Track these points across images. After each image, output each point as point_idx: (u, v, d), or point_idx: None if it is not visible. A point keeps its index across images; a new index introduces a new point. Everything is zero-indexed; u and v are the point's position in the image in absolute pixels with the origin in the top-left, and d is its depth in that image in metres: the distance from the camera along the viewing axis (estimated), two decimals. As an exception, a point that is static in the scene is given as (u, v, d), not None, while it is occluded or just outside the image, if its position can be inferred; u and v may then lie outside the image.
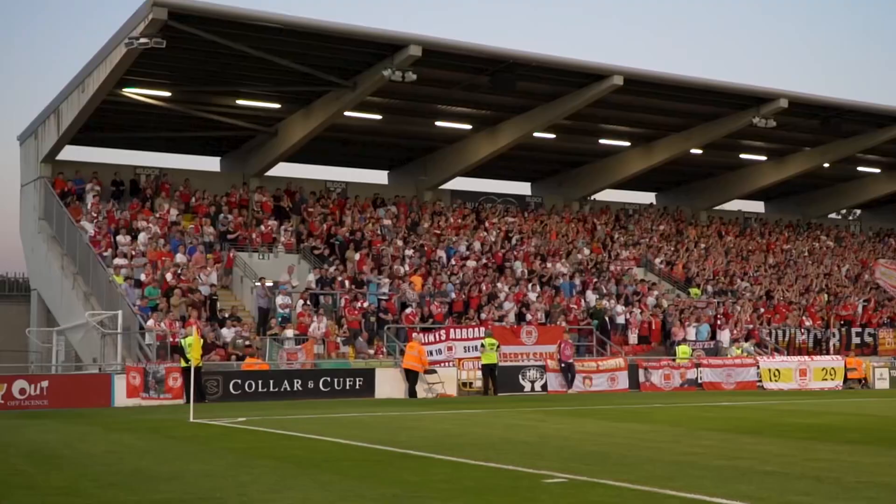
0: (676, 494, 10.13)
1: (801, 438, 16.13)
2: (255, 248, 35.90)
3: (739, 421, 20.15)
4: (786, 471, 11.93)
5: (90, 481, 11.39)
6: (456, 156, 43.20)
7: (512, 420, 20.23)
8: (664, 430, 17.56)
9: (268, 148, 39.64)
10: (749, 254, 48.13)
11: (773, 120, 40.22)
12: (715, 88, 39.25)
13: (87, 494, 10.50)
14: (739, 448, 14.51)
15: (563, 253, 41.85)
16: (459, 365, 31.17)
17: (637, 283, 40.80)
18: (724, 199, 52.95)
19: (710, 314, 39.12)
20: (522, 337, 33.43)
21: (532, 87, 36.79)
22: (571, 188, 48.93)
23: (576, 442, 15.51)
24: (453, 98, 38.22)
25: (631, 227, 47.59)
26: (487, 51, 34.21)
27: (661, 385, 33.58)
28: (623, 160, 46.43)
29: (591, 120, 41.82)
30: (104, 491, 10.71)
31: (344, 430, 17.87)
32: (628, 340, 36.71)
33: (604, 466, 12.32)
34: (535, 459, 13.06)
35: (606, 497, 10.02)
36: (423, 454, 13.78)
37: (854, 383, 37.08)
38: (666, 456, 13.52)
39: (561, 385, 31.89)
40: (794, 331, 40.00)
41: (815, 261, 49.51)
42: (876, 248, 53.91)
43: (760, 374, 35.39)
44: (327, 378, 28.69)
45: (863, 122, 44.10)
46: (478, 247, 39.89)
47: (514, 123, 40.22)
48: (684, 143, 43.87)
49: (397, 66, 32.63)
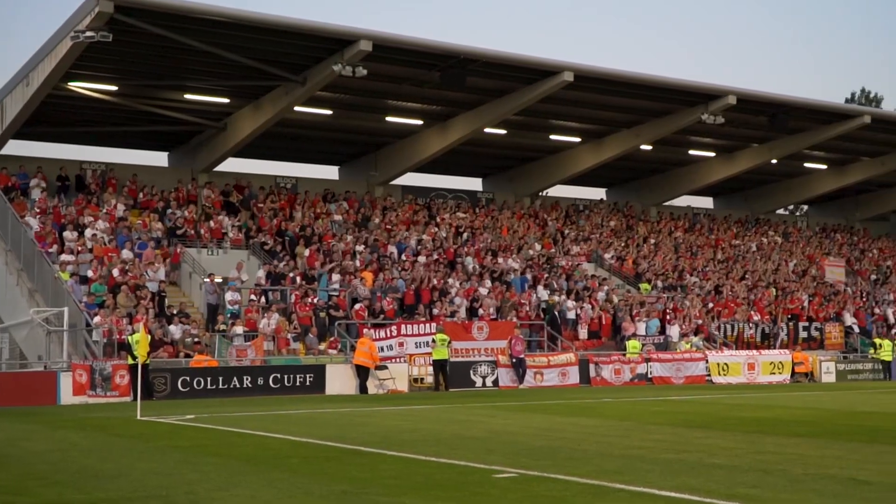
0: (625, 488, 10.15)
1: (748, 432, 16.25)
2: (204, 243, 35.57)
3: (688, 415, 20.28)
4: (733, 464, 12.01)
5: (35, 480, 11.19)
6: (407, 151, 43.15)
7: (463, 415, 20.20)
8: (614, 425, 17.62)
9: (216, 143, 39.33)
10: (698, 249, 48.54)
11: (721, 116, 40.64)
12: (664, 85, 39.54)
13: (33, 493, 10.31)
14: (688, 442, 14.59)
15: (514, 248, 41.94)
16: (410, 361, 31.13)
17: (587, 278, 40.99)
18: (674, 195, 53.39)
19: (659, 309, 39.39)
20: (473, 332, 33.43)
21: (482, 82, 36.81)
22: (522, 184, 49.07)
23: (526, 437, 15.51)
24: (404, 93, 38.14)
25: (581, 223, 47.82)
26: (438, 46, 34.19)
27: (612, 380, 33.77)
28: (573, 156, 46.65)
29: (541, 116, 41.97)
30: (49, 489, 10.52)
31: (293, 426, 17.74)
32: (579, 335, 36.86)
33: (553, 461, 12.32)
34: (485, 454, 13.04)
35: (555, 491, 10.01)
36: (372, 450, 13.70)
37: (801, 377, 37.53)
38: (615, 450, 13.56)
39: (512, 380, 31.95)
40: (742, 325, 40.40)
41: (762, 256, 50.05)
42: (822, 244, 54.60)
43: (709, 368, 35.71)
44: (277, 375, 28.47)
45: (809, 118, 44.65)
46: (429, 242, 39.85)
47: (464, 119, 40.23)
48: (634, 139, 44.16)
49: (347, 62, 32.50)
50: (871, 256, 54.62)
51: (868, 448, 13.75)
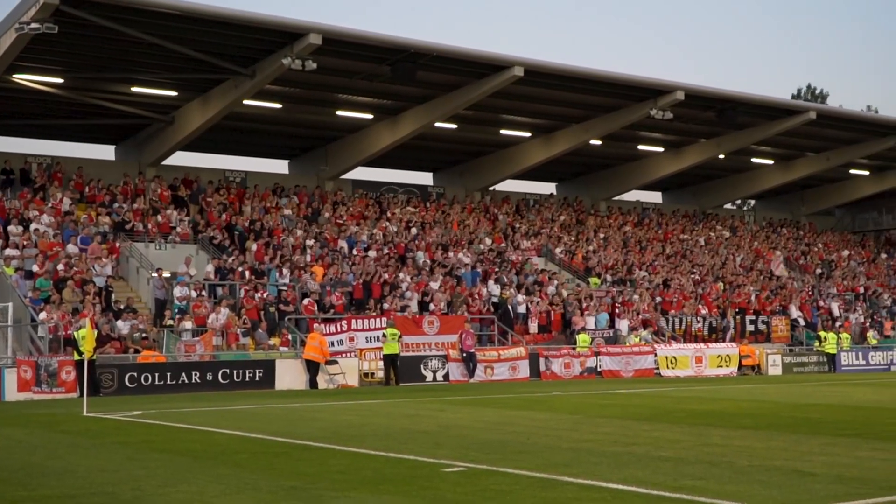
0: (573, 481, 10.21)
1: (695, 424, 16.42)
2: (152, 238, 35.22)
3: (637, 408, 20.45)
4: (680, 456, 12.12)
5: (-23, 478, 11.03)
6: (357, 145, 43.00)
7: (413, 410, 20.21)
8: (563, 418, 17.72)
9: (164, 136, 38.95)
10: (647, 243, 48.91)
11: (669, 112, 40.93)
12: (613, 81, 39.75)
13: (-26, 491, 10.16)
14: (636, 434, 14.71)
15: (465, 243, 41.99)
16: (361, 355, 31.06)
17: (538, 272, 41.15)
18: (623, 190, 53.72)
19: (608, 303, 39.65)
20: (424, 327, 33.44)
21: (433, 77, 36.77)
22: (473, 178, 49.13)
23: (476, 431, 15.55)
24: (354, 87, 38.01)
25: (532, 217, 47.99)
26: (388, 40, 34.08)
27: (562, 373, 33.94)
28: (524, 151, 46.78)
29: (492, 110, 42.02)
30: (-8, 487, 10.38)
31: (242, 422, 17.65)
32: (529, 330, 36.98)
33: (503, 454, 12.36)
34: (435, 449, 13.06)
35: (504, 484, 10.04)
36: (321, 445, 13.66)
37: (748, 370, 38.00)
38: (564, 443, 13.63)
39: (462, 374, 32.01)
40: (690, 319, 40.77)
41: (710, 250, 50.53)
42: (769, 238, 55.25)
43: (658, 361, 36.03)
44: (226, 370, 28.29)
45: (756, 114, 45.10)
46: (380, 237, 39.78)
47: (415, 113, 40.18)
48: (584, 134, 44.34)
49: (297, 55, 32.31)
50: (816, 251, 55.36)
51: (813, 440, 13.94)
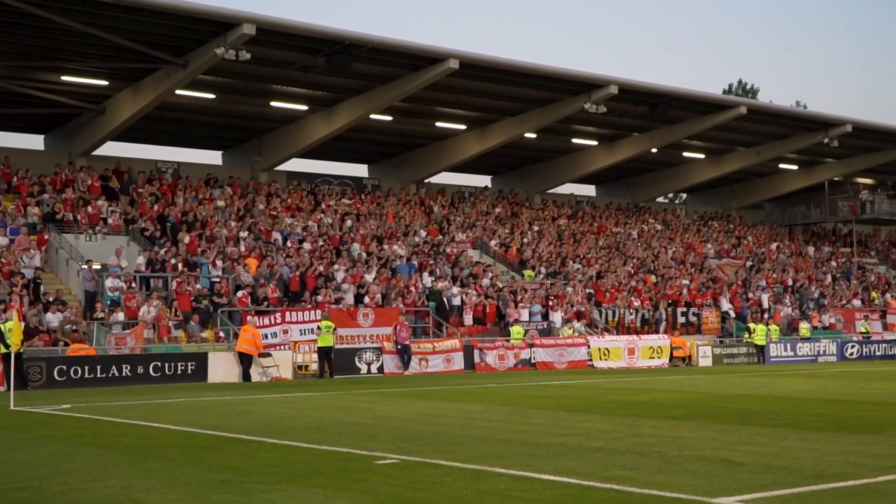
0: (505, 472, 10.26)
1: (627, 415, 16.59)
2: (82, 229, 34.65)
3: (569, 399, 20.60)
4: (611, 447, 12.24)
5: None
6: (292, 137, 42.75)
7: (346, 402, 20.16)
8: (496, 410, 17.79)
9: (95, 126, 38.34)
10: (581, 236, 49.27)
11: (603, 106, 41.25)
12: (548, 74, 39.95)
13: None
14: (568, 426, 14.82)
15: (401, 235, 41.95)
16: (295, 348, 30.92)
17: (473, 265, 41.26)
18: (558, 183, 54.06)
19: (542, 295, 39.89)
20: (359, 319, 33.37)
21: (368, 68, 36.66)
22: (408, 171, 49.12)
23: (409, 423, 15.55)
24: (289, 78, 37.76)
25: (467, 210, 48.09)
26: (323, 31, 33.90)
27: (496, 365, 34.09)
28: (459, 143, 46.87)
29: (427, 103, 42.03)
30: (-88, 484, 10.14)
31: (173, 415, 17.47)
32: (464, 322, 37.07)
33: (436, 446, 12.38)
34: (368, 441, 13.04)
35: (437, 476, 10.06)
36: (253, 438, 13.57)
37: (679, 361, 38.49)
38: (497, 435, 13.69)
39: (397, 367, 32.00)
40: (623, 311, 41.17)
41: (643, 243, 51.06)
42: (700, 232, 55.97)
43: (591, 353, 36.33)
44: (158, 363, 27.98)
45: (688, 109, 45.66)
46: (314, 229, 39.58)
47: (350, 105, 40.03)
48: (518, 127, 44.55)
49: (230, 45, 32.02)
50: (746, 243, 56.20)
51: (741, 430, 14.15)
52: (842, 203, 60.91)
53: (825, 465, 10.57)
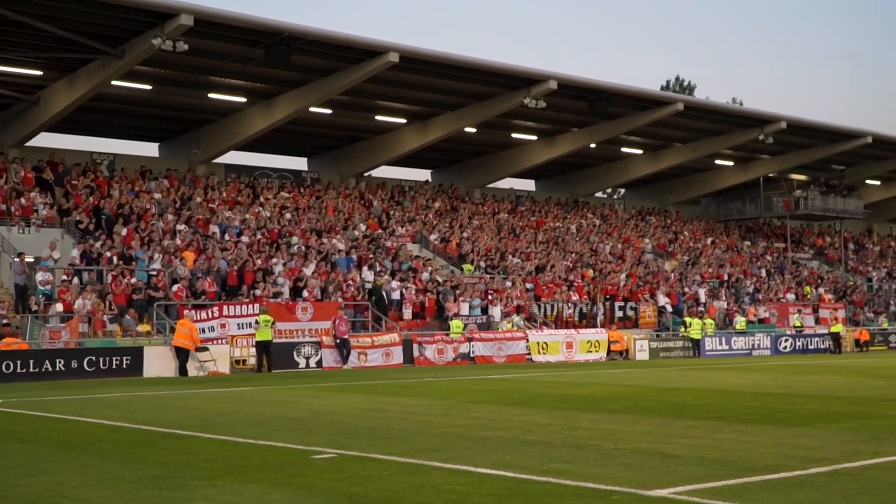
0: (442, 466, 10.26)
1: (564, 409, 16.68)
2: (14, 221, 34.04)
3: (507, 393, 20.67)
4: (548, 440, 12.29)
5: None
6: (230, 129, 42.38)
7: (284, 397, 20.04)
8: (435, 404, 17.79)
9: (28, 117, 37.68)
10: (520, 231, 49.47)
11: (543, 101, 41.44)
12: (488, 69, 40.04)
13: None
14: (506, 419, 14.86)
15: (340, 229, 41.79)
16: (232, 342, 30.67)
17: (412, 259, 41.23)
18: (497, 177, 54.24)
19: (482, 290, 39.99)
20: (298, 313, 33.19)
21: (308, 61, 36.47)
22: (348, 164, 48.93)
23: (347, 417, 15.50)
24: (227, 70, 37.42)
25: (407, 204, 48.04)
26: (262, 23, 33.64)
27: (435, 359, 34.12)
28: (399, 137, 46.80)
29: (367, 96, 41.90)
30: None
31: (108, 410, 17.23)
32: (403, 316, 37.05)
33: (373, 441, 12.35)
34: (306, 435, 12.97)
35: (373, 470, 10.03)
36: (189, 433, 13.43)
37: (616, 355, 38.81)
38: (435, 429, 13.69)
39: (336, 361, 31.89)
40: (561, 305, 41.41)
41: (582, 238, 51.40)
42: (638, 227, 56.48)
43: (529, 347, 36.52)
44: (92, 357, 27.59)
45: (627, 104, 46.04)
46: (253, 222, 39.27)
47: (289, 97, 39.79)
48: (459, 121, 44.59)
49: (168, 36, 31.66)
50: (683, 238, 56.83)
51: (676, 423, 14.29)
52: (776, 199, 61.81)
53: (758, 458, 10.71)
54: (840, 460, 10.46)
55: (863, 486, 9.02)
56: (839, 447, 11.49)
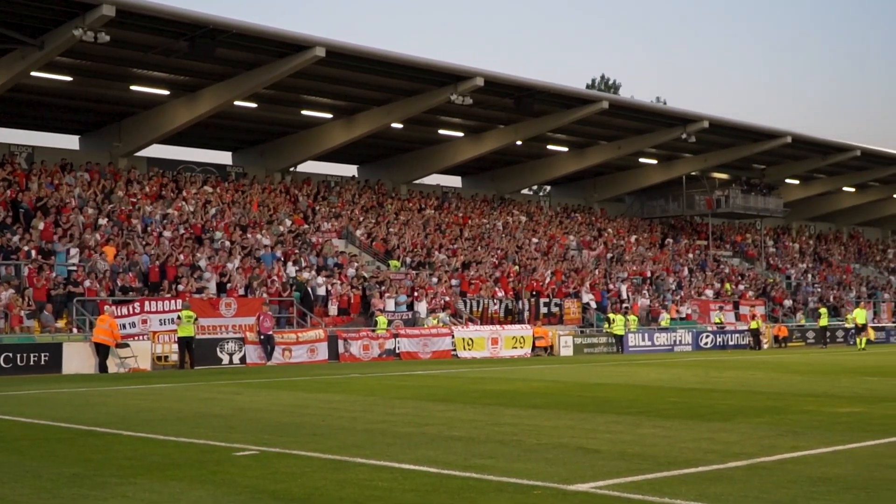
0: (366, 462, 10.24)
1: (488, 405, 16.75)
2: (-72, 215, 33.21)
3: (432, 389, 20.71)
4: (471, 436, 12.33)
5: None
6: (153, 122, 41.77)
7: (207, 394, 19.83)
8: (359, 400, 17.75)
9: (-57, 108, 36.77)
10: (447, 227, 49.54)
11: (469, 97, 41.52)
12: (415, 65, 40.00)
13: None
14: (430, 415, 14.88)
15: (265, 224, 41.45)
16: (154, 338, 30.25)
17: (338, 254, 41.06)
18: (424, 174, 54.26)
19: (408, 286, 39.99)
20: (221, 309, 32.85)
21: (232, 54, 36.11)
22: (273, 159, 48.55)
23: (270, 414, 15.39)
24: (150, 62, 36.87)
25: (333, 199, 47.82)
26: (186, 15, 33.17)
27: (360, 355, 34.04)
28: (325, 132, 46.56)
29: (293, 90, 41.61)
30: None
31: (25, 407, 16.89)
32: (329, 312, 36.89)
33: (296, 437, 12.28)
34: (228, 432, 12.85)
35: (296, 467, 9.97)
36: (108, 431, 13.22)
37: (541, 351, 39.10)
38: (359, 425, 13.66)
39: (260, 357, 31.65)
40: (487, 301, 41.57)
41: (507, 234, 51.65)
42: (563, 224, 56.91)
43: (455, 343, 36.61)
44: (9, 354, 26.97)
45: (552, 102, 46.33)
46: (175, 216, 38.76)
47: (213, 91, 39.34)
48: (385, 117, 44.49)
49: (89, 26, 31.10)
50: (607, 235, 57.42)
51: (599, 418, 14.44)
52: (698, 197, 62.73)
53: (678, 452, 10.86)
54: (758, 454, 10.65)
55: (779, 479, 9.20)
56: (757, 441, 11.71)
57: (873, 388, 19.99)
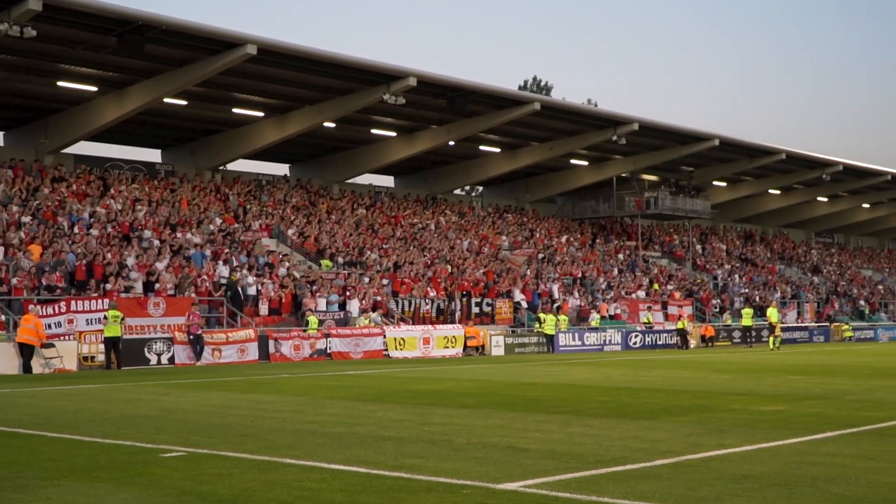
0: (295, 462, 10.19)
1: (419, 404, 16.77)
2: None
3: (363, 389, 20.65)
4: (402, 435, 12.34)
5: None
6: (80, 119, 41.08)
7: (134, 394, 19.55)
8: (289, 401, 17.65)
9: None
10: (379, 227, 49.46)
11: (402, 97, 41.49)
12: (347, 64, 39.84)
13: None
14: (360, 415, 14.85)
15: (195, 223, 41.00)
16: (80, 338, 29.77)
17: (269, 254, 40.77)
18: (356, 173, 54.11)
19: (339, 285, 39.84)
20: (149, 309, 32.43)
21: (162, 51, 35.67)
22: (204, 157, 48.07)
23: (199, 415, 15.23)
24: (78, 58, 36.28)
25: (264, 198, 47.48)
26: (115, 10, 32.69)
27: (291, 356, 33.84)
28: (257, 130, 46.21)
29: (224, 88, 41.24)
30: None
31: (-55, 409, 16.52)
32: (259, 312, 36.62)
33: (225, 438, 12.17)
34: (155, 434, 12.69)
35: (224, 468, 9.89)
36: (32, 432, 12.99)
37: (472, 351, 39.22)
38: (289, 425, 13.58)
39: (189, 357, 31.31)
40: (419, 301, 41.57)
41: (440, 234, 51.71)
42: (495, 224, 57.14)
43: (387, 343, 36.55)
44: (-71, 354, 26.40)
45: (485, 103, 46.48)
46: (103, 215, 38.18)
47: (143, 88, 38.82)
48: (318, 115, 44.28)
49: (15, 21, 30.54)
50: (539, 236, 57.77)
51: (529, 417, 14.53)
52: (628, 198, 63.36)
53: (605, 451, 10.97)
54: (684, 452, 10.80)
55: (704, 476, 9.34)
56: (683, 440, 11.87)
57: (797, 387, 20.37)
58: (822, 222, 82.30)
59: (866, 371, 26.16)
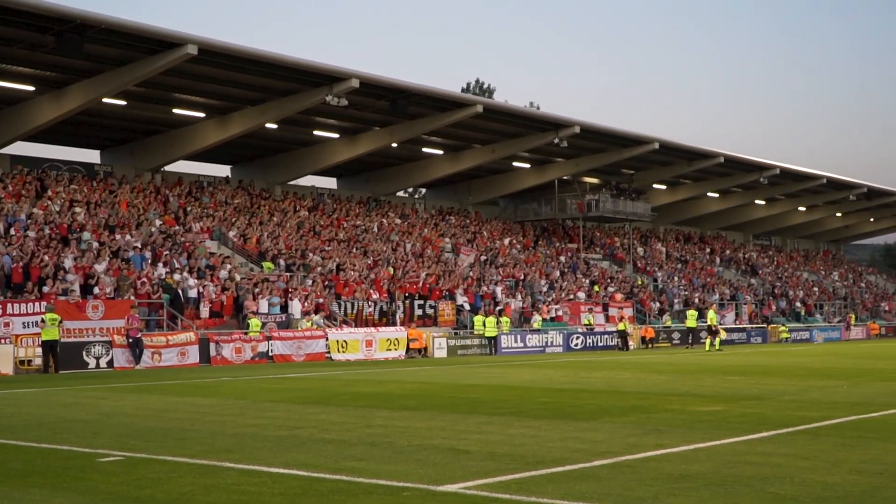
0: (234, 466, 10.13)
1: (360, 406, 16.75)
2: None
3: (305, 392, 20.59)
4: (343, 438, 12.32)
5: None
6: (16, 118, 40.44)
7: (72, 398, 19.30)
8: (230, 403, 17.54)
9: None
10: (321, 229, 49.28)
11: (345, 99, 41.41)
12: (289, 64, 39.69)
13: None
14: (302, 418, 14.80)
15: (134, 224, 40.54)
16: (17, 342, 29.29)
17: (210, 256, 40.44)
18: (299, 175, 53.90)
19: (281, 287, 39.63)
20: (88, 311, 31.99)
21: (101, 50, 35.27)
22: (144, 158, 47.55)
23: (137, 418, 15.08)
24: (14, 56, 35.73)
25: (205, 200, 47.08)
26: (52, 9, 32.28)
27: (232, 359, 33.61)
28: (198, 131, 45.83)
29: (164, 88, 40.85)
30: None
31: None
32: (200, 314, 36.29)
33: (163, 442, 12.07)
34: (92, 438, 12.55)
35: (162, 472, 9.81)
36: (-34, 438, 12.77)
37: (415, 353, 39.23)
38: (228, 429, 13.50)
39: (128, 361, 30.95)
40: (362, 303, 41.49)
41: (382, 236, 51.65)
42: (438, 226, 57.21)
43: (329, 345, 36.43)
44: None
45: (428, 105, 46.55)
46: (40, 216, 37.60)
47: (81, 87, 38.32)
48: (260, 116, 44.04)
49: (-52, 18, 29.97)
50: (481, 238, 57.93)
51: (470, 419, 14.59)
52: (570, 201, 63.79)
53: (546, 451, 11.06)
54: (622, 453, 10.92)
55: (642, 476, 9.45)
56: (622, 440, 12.00)
57: (734, 388, 20.66)
58: (760, 225, 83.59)
59: (802, 372, 26.61)
